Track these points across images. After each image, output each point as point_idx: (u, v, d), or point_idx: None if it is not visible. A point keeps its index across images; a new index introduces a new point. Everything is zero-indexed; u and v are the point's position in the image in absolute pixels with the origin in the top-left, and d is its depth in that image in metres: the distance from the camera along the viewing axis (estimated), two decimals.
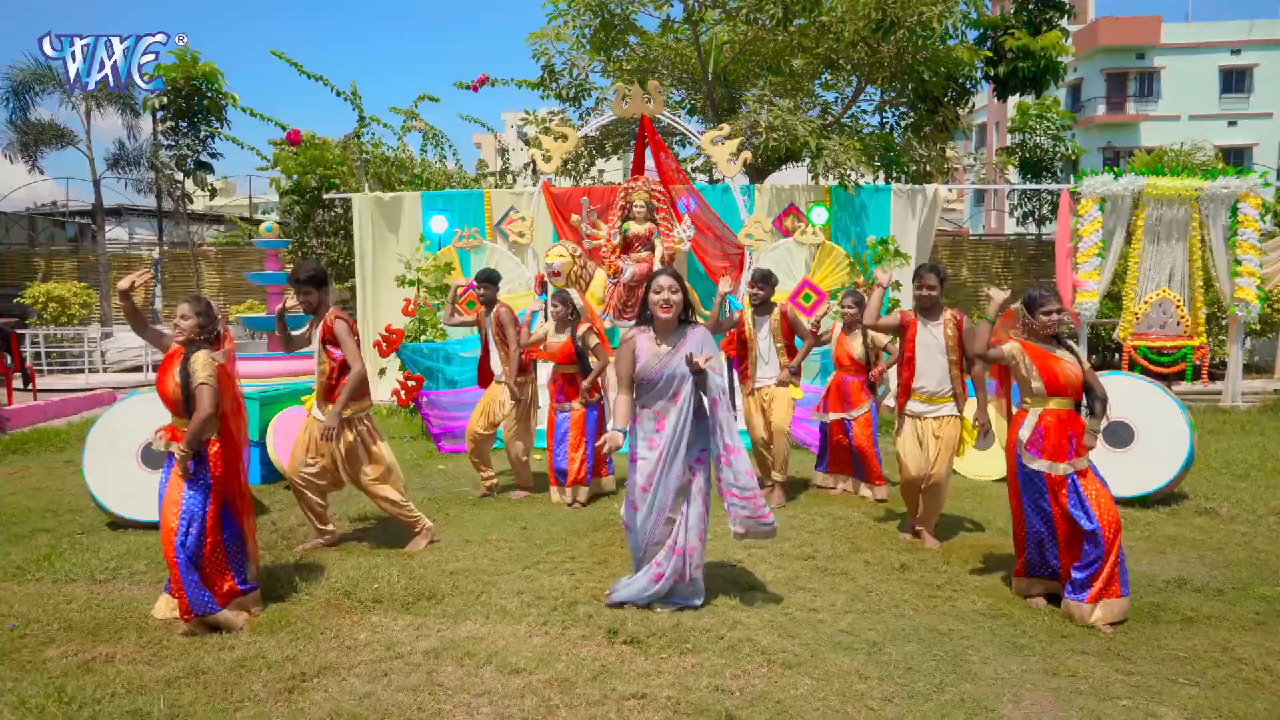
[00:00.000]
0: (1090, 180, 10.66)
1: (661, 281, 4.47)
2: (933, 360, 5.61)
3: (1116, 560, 4.39)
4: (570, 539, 5.92)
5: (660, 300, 4.45)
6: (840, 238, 10.74)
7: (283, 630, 4.35)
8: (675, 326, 4.51)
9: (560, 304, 6.99)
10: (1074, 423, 4.56)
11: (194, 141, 14.51)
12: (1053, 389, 4.57)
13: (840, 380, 7.02)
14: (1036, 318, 4.66)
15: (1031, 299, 4.71)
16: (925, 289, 5.63)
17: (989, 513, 6.54)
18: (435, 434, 8.79)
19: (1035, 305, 4.67)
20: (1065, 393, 4.57)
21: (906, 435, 5.72)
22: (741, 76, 13.27)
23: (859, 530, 6.08)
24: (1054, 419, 4.56)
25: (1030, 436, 4.64)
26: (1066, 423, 4.55)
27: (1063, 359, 4.61)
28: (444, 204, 11.19)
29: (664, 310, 4.45)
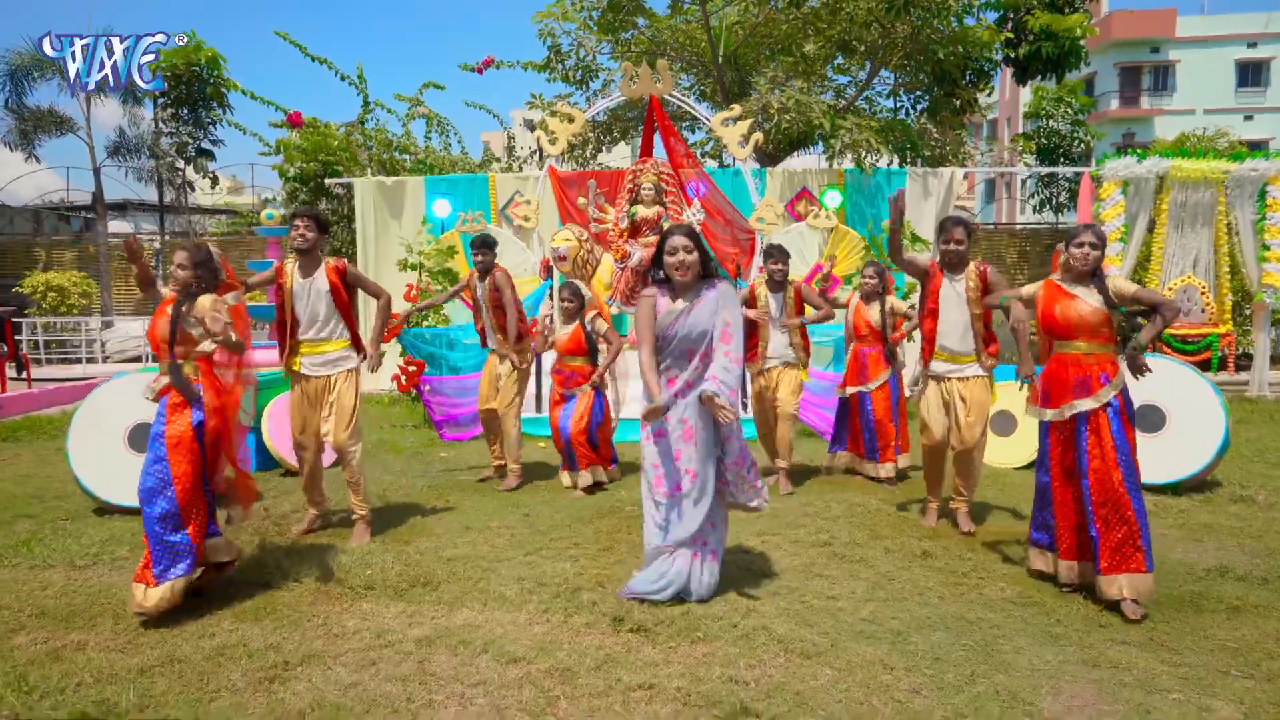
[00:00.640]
0: (1113, 163, 10.34)
1: (676, 241, 4.19)
2: (955, 314, 5.32)
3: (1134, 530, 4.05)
4: (574, 525, 5.66)
5: (675, 263, 4.18)
6: (854, 222, 10.44)
7: (267, 617, 4.09)
8: (694, 284, 4.24)
9: (570, 296, 6.72)
10: (1083, 364, 4.23)
11: (195, 129, 14.32)
12: (1049, 329, 4.32)
13: (858, 352, 6.75)
14: (1069, 250, 4.38)
15: (1070, 232, 4.45)
16: (953, 243, 5.29)
17: (1013, 499, 6.24)
18: (437, 421, 8.50)
19: (1070, 239, 4.41)
20: (1068, 334, 4.29)
21: (930, 397, 5.44)
22: (752, 60, 12.98)
23: (877, 517, 5.79)
24: (1055, 363, 4.31)
25: (1039, 388, 4.40)
26: (1070, 364, 4.25)
27: (1078, 297, 4.30)
28: (448, 188, 10.94)
29: (680, 273, 4.18)
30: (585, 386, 6.67)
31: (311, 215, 5.25)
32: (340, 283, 5.26)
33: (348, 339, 5.35)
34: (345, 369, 5.30)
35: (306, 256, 5.23)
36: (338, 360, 5.32)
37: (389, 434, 8.98)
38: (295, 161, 13.19)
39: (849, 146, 10.26)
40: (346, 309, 5.34)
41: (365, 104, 13.62)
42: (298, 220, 5.22)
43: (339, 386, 5.28)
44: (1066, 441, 4.29)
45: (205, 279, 4.34)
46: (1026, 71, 11.97)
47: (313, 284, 5.25)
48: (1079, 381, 4.22)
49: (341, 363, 5.32)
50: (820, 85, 11.83)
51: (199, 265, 4.33)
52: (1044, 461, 4.42)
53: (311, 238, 5.20)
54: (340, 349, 5.34)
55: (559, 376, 6.80)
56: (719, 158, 13.71)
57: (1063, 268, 4.43)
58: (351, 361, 5.34)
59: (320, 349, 5.33)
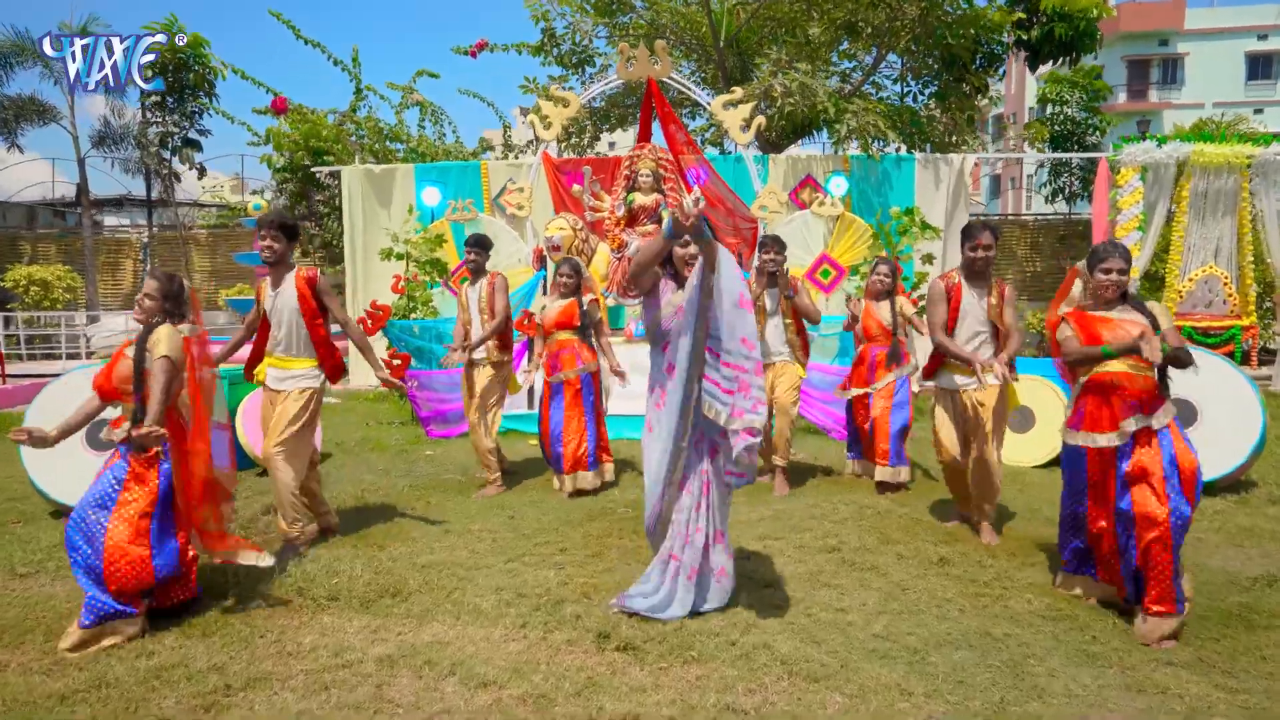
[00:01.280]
0: (1131, 148, 9.91)
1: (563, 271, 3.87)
2: (976, 326, 4.92)
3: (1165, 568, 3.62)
4: (562, 529, 5.25)
5: (689, 255, 3.87)
6: (861, 210, 10.02)
7: (217, 633, 3.70)
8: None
9: (570, 272, 6.29)
10: (1135, 383, 3.82)
11: (180, 118, 13.92)
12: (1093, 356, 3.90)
13: (867, 353, 6.31)
14: (1094, 276, 3.97)
15: (1093, 253, 4.02)
16: (980, 249, 4.87)
17: (1033, 500, 5.83)
18: (424, 418, 8.10)
19: (1094, 261, 3.99)
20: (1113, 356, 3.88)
21: (943, 411, 5.03)
22: (755, 44, 12.55)
23: (888, 520, 5.38)
24: (1099, 386, 3.88)
25: (1071, 407, 4.00)
26: (1110, 386, 3.83)
27: (1119, 320, 3.90)
28: (438, 176, 10.54)
29: (690, 268, 3.83)
30: (571, 371, 6.23)
31: (276, 225, 4.87)
32: (310, 293, 4.87)
33: (314, 359, 4.94)
34: (299, 386, 4.90)
35: (276, 268, 4.90)
36: (298, 377, 4.92)
37: (373, 431, 8.59)
38: (285, 151, 12.80)
39: (855, 132, 9.82)
40: (317, 325, 4.90)
41: (358, 90, 13.22)
42: (262, 232, 4.89)
43: (286, 400, 4.87)
44: (1107, 467, 3.86)
45: (173, 313, 4.01)
46: (1038, 55, 11.53)
47: (280, 296, 4.90)
48: (1132, 403, 3.80)
49: (299, 380, 4.92)
50: (825, 70, 11.39)
51: (168, 298, 4.00)
52: (1081, 490, 3.98)
53: (278, 249, 4.85)
54: (303, 368, 4.93)
55: (548, 360, 6.35)
56: (720, 144, 13.29)
57: (1090, 294, 4.03)
58: (311, 381, 4.92)
59: (284, 364, 4.95)
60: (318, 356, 4.94)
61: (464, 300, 6.46)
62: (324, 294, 4.91)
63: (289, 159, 12.86)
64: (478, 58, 12.66)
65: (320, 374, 4.97)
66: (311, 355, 4.93)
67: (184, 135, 14.42)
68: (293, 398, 4.87)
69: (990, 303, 4.91)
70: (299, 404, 4.86)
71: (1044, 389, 6.78)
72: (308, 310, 4.88)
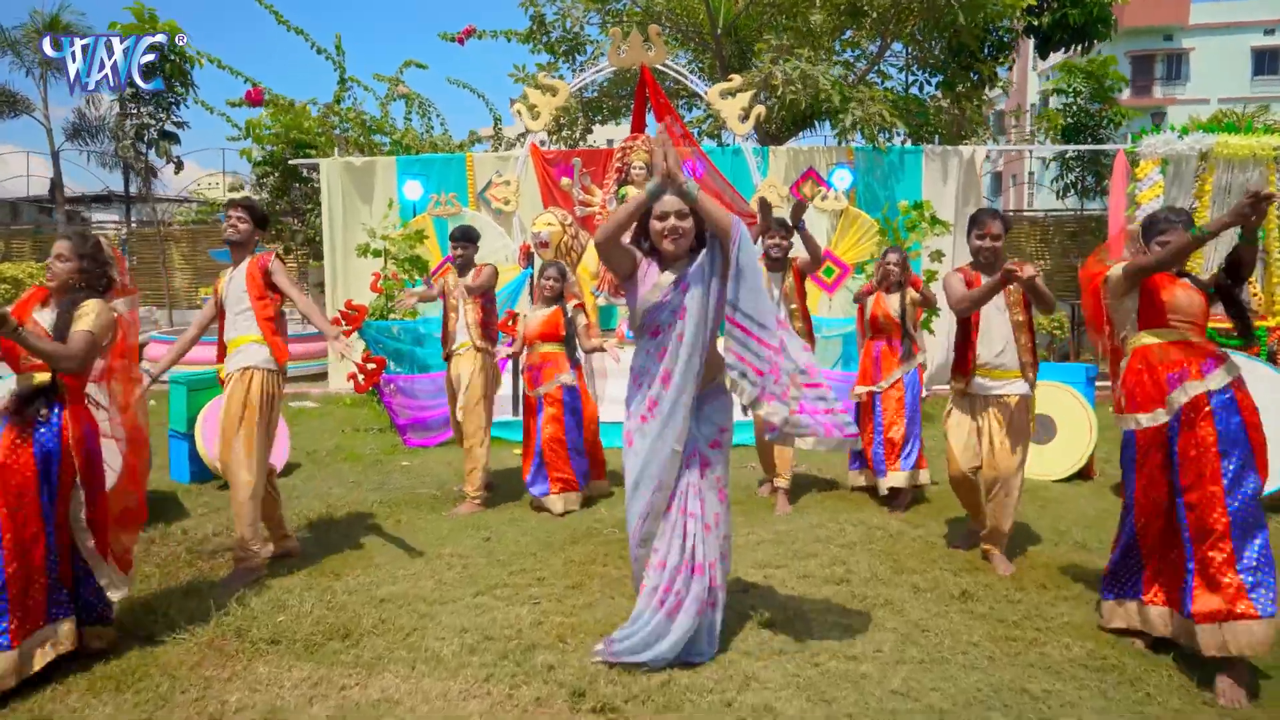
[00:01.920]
0: (1150, 139, 9.40)
1: (668, 204, 3.29)
2: (995, 322, 4.44)
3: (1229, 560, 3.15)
4: (541, 554, 4.76)
5: (667, 229, 3.29)
6: (866, 204, 9.52)
7: (131, 687, 3.20)
8: (686, 256, 3.35)
9: (555, 276, 5.80)
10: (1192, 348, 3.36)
11: (156, 109, 13.39)
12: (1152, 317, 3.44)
13: (871, 347, 5.81)
14: (1151, 246, 3.49)
15: (1152, 220, 3.55)
16: (989, 238, 4.42)
17: (1058, 519, 5.34)
18: (401, 425, 7.57)
19: (1153, 228, 3.51)
20: (1172, 323, 3.41)
21: (957, 419, 4.54)
22: (754, 31, 12.04)
23: (901, 544, 4.88)
24: (1145, 357, 3.42)
25: (1122, 391, 3.52)
26: (1169, 349, 3.37)
27: (1187, 284, 3.47)
28: (422, 169, 10.03)
29: (672, 241, 3.29)
30: (556, 380, 5.74)
31: (246, 206, 4.62)
32: (259, 275, 4.48)
33: (259, 335, 4.46)
34: (243, 365, 4.41)
35: (238, 249, 4.56)
36: (241, 354, 4.45)
37: (348, 439, 8.08)
38: (265, 144, 12.29)
39: (860, 123, 9.31)
40: (263, 305, 4.47)
41: (342, 80, 12.70)
42: (230, 210, 4.62)
43: (231, 384, 4.40)
44: (1158, 453, 3.38)
45: (91, 275, 3.55)
46: (1049, 42, 11.03)
47: (234, 279, 4.54)
48: (1180, 373, 3.33)
49: (243, 357, 4.43)
50: (827, 59, 10.87)
51: (84, 257, 3.55)
52: (1130, 487, 3.51)
53: (244, 229, 4.53)
54: (247, 342, 4.46)
55: (529, 373, 5.86)
56: (718, 136, 12.78)
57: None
58: (253, 357, 4.42)
59: (233, 345, 4.50)
60: (262, 333, 4.45)
61: (450, 289, 5.99)
62: (275, 274, 4.48)
63: (269, 152, 12.35)
64: (465, 44, 12.15)
65: (267, 354, 4.45)
66: (255, 331, 4.46)
67: (161, 127, 13.91)
68: (236, 380, 4.39)
69: (1011, 302, 4.43)
70: (243, 386, 4.37)
71: (1065, 396, 6.29)
72: (254, 290, 4.46)
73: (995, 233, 4.41)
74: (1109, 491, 6.05)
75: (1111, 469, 6.62)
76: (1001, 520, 4.44)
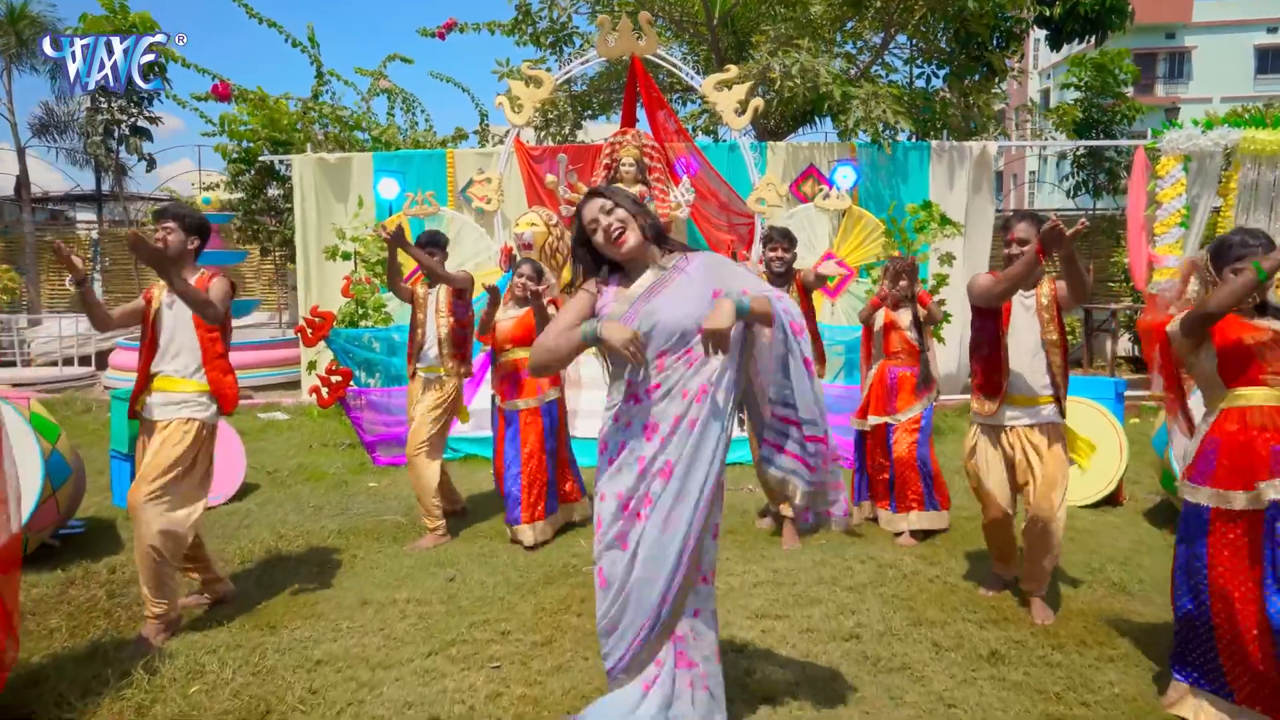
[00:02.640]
0: (1172, 134, 8.85)
1: (591, 207, 2.72)
2: (1027, 341, 3.89)
3: None
4: (509, 599, 4.20)
5: (602, 228, 2.70)
6: (870, 204, 8.97)
7: None
8: (645, 255, 2.76)
9: (530, 274, 5.18)
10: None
11: (128, 104, 12.81)
12: (1237, 373, 2.86)
13: (885, 373, 5.22)
14: (1224, 275, 2.94)
15: (1224, 244, 2.99)
16: (1015, 244, 3.91)
17: (1090, 555, 4.78)
18: (368, 442, 7.07)
19: (1226, 254, 2.95)
20: (1255, 376, 2.85)
21: (986, 455, 3.98)
22: (751, 22, 11.48)
23: (915, 586, 4.32)
24: (1240, 420, 2.84)
25: (1195, 453, 2.96)
26: (1273, 413, 2.81)
27: (1267, 328, 2.90)
28: (399, 165, 9.46)
29: (615, 239, 2.69)
30: (529, 400, 5.16)
31: (175, 215, 3.97)
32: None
33: (205, 384, 3.91)
34: (184, 415, 3.86)
35: (174, 265, 3.85)
36: (182, 403, 3.88)
37: (314, 456, 7.51)
38: (240, 139, 11.70)
39: (864, 121, 8.74)
40: (212, 336, 3.92)
41: (319, 75, 12.13)
42: (157, 222, 4.01)
43: (164, 432, 3.83)
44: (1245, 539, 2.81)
45: None
46: (1061, 33, 10.49)
47: (175, 303, 3.92)
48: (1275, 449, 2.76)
49: (184, 407, 3.87)
50: (827, 51, 10.32)
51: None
52: (1199, 571, 2.92)
53: (175, 241, 3.88)
54: (192, 392, 3.90)
55: (503, 384, 5.27)
56: (713, 132, 12.23)
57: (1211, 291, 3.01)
58: (198, 410, 3.89)
59: (170, 386, 3.91)
60: (208, 379, 3.91)
61: (420, 301, 5.43)
62: (210, 293, 3.88)
63: (245, 149, 11.77)
64: (446, 39, 11.59)
65: (211, 404, 3.93)
66: (203, 380, 3.92)
67: (132, 123, 13.32)
68: (174, 429, 3.84)
69: (1041, 303, 3.89)
70: (177, 442, 3.83)
71: (1093, 414, 5.73)
72: (201, 323, 3.90)
73: (1021, 237, 3.89)
74: (1142, 519, 5.50)
75: (1141, 491, 6.08)
76: (1045, 562, 3.89)
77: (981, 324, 4.02)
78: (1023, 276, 3.64)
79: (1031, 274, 3.66)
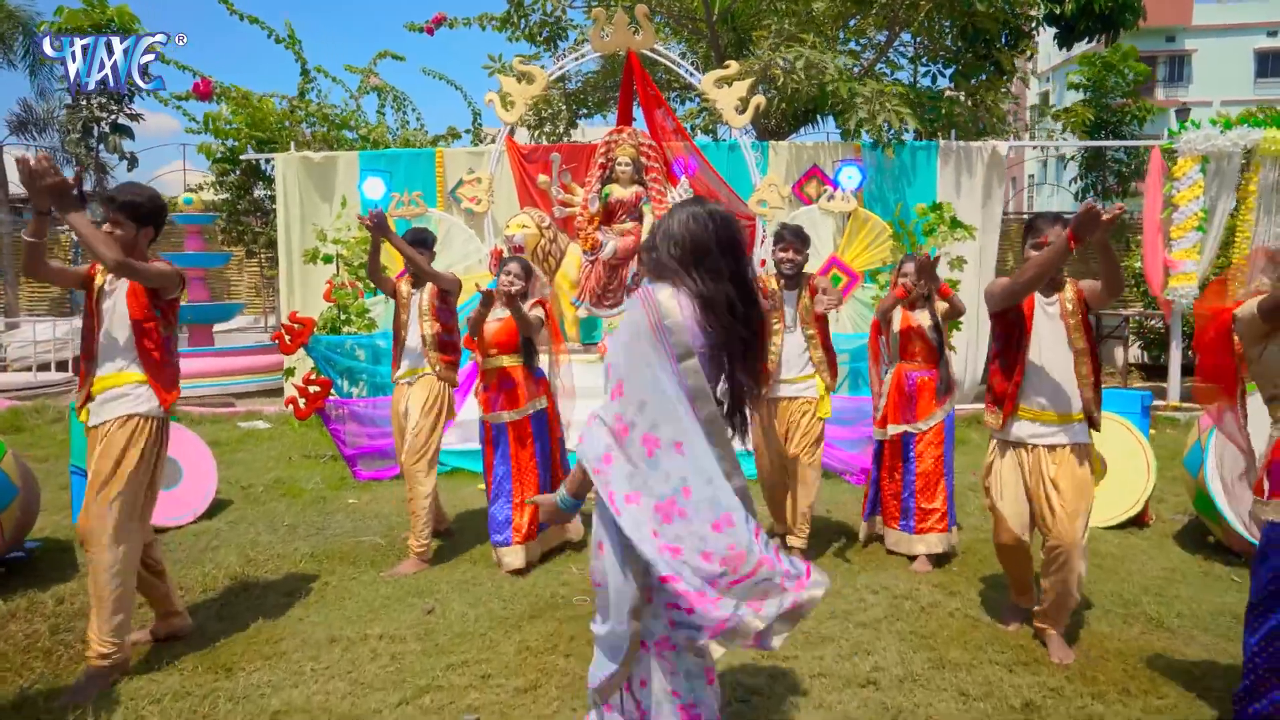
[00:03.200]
0: (1190, 134, 8.52)
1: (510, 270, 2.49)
2: (1052, 351, 3.55)
3: None
4: (490, 635, 3.84)
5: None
6: (876, 205, 8.63)
7: None
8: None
9: (518, 273, 4.82)
10: None
11: (108, 101, 12.44)
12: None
13: (902, 378, 4.84)
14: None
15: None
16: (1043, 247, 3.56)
17: (1119, 584, 4.43)
18: (349, 456, 6.71)
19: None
20: None
21: (1003, 475, 3.64)
22: (752, 19, 11.14)
23: (934, 621, 3.96)
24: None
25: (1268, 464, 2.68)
26: None
27: None
28: (387, 164, 9.10)
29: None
30: (515, 412, 4.79)
31: (122, 204, 3.50)
32: (142, 291, 3.51)
33: (142, 373, 3.53)
34: (121, 413, 3.47)
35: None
36: (118, 398, 3.50)
37: (293, 469, 7.14)
38: (225, 138, 11.33)
39: (870, 121, 8.39)
40: (148, 326, 3.53)
41: (304, 72, 11.76)
42: (107, 214, 3.51)
43: (106, 437, 3.45)
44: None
45: None
46: (1072, 31, 10.15)
47: (114, 293, 3.54)
48: None
49: (122, 402, 3.49)
50: (830, 49, 9.98)
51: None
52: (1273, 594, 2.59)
53: (124, 236, 3.47)
54: (128, 384, 3.52)
55: (485, 394, 4.90)
56: (712, 131, 11.88)
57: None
58: (136, 403, 3.49)
59: (106, 383, 3.53)
60: (145, 370, 3.52)
61: (404, 299, 5.06)
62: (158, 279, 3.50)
63: (230, 148, 11.40)
64: (434, 34, 11.21)
65: (152, 396, 3.53)
66: (137, 368, 3.52)
67: (113, 121, 12.95)
68: (113, 431, 3.45)
69: (1066, 309, 3.55)
70: (123, 437, 3.44)
71: (1118, 429, 5.38)
72: (137, 310, 3.50)
73: (1051, 241, 3.54)
74: (1171, 543, 5.14)
75: (1167, 511, 5.74)
76: (1064, 596, 3.54)
77: (1001, 333, 3.69)
78: (1052, 264, 3.32)
79: (1062, 262, 3.33)
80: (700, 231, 2.26)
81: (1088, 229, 3.07)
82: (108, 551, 3.35)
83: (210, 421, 9.14)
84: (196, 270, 11.25)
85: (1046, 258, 3.32)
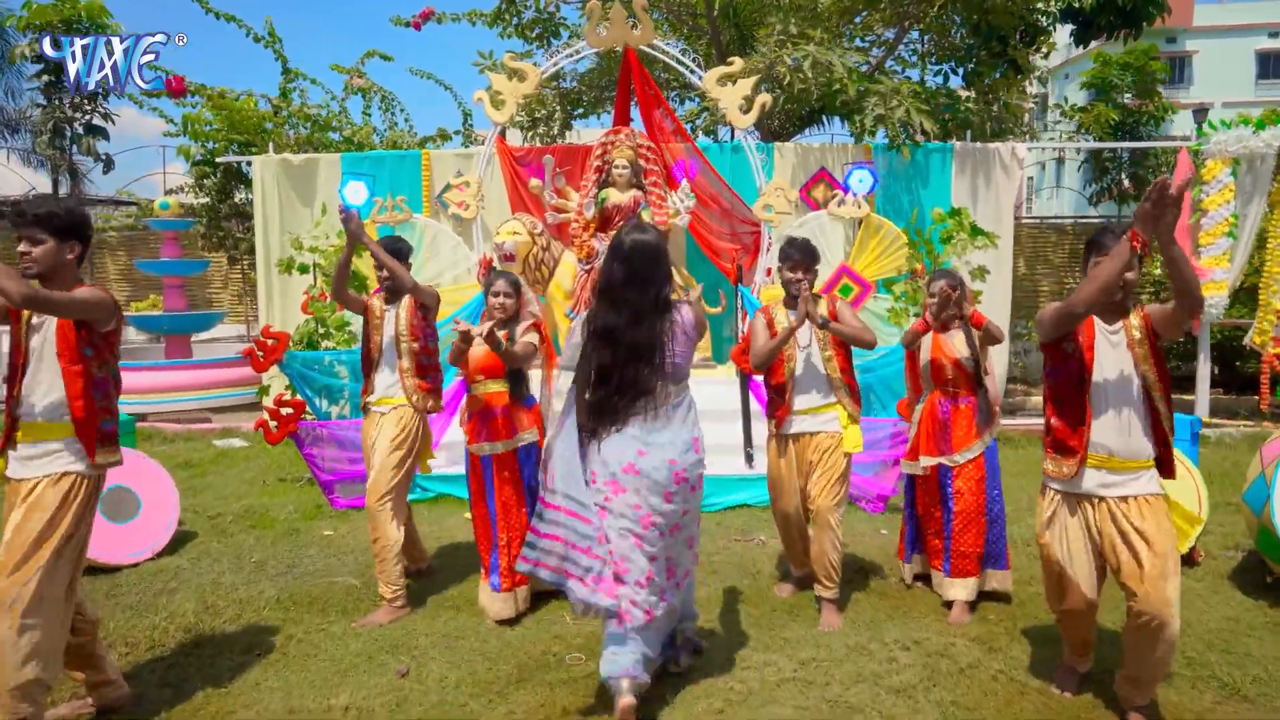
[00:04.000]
0: (1220, 135, 8.07)
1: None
2: (1116, 389, 3.08)
3: None
4: (472, 703, 3.36)
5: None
6: (889, 211, 8.17)
7: None
8: None
9: (507, 290, 4.34)
10: None
11: (81, 100, 11.92)
12: None
13: (936, 406, 4.36)
14: None
15: None
16: None
17: (1181, 638, 3.92)
18: (325, 482, 6.19)
19: None
20: None
21: (1068, 528, 3.18)
22: (755, 15, 10.69)
23: (978, 688, 3.49)
24: None
25: None
26: None
27: None
28: (370, 167, 8.61)
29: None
30: (504, 443, 4.30)
31: (33, 220, 3.01)
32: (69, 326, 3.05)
33: (70, 425, 3.05)
34: (49, 471, 3.00)
35: (47, 284, 3.04)
36: (50, 456, 3.03)
37: (266, 495, 6.64)
38: (204, 140, 10.84)
39: (882, 121, 7.93)
40: (77, 368, 3.05)
41: (285, 72, 11.27)
42: (19, 232, 3.05)
43: (32, 497, 2.98)
44: None
45: None
46: (1092, 26, 9.70)
47: (42, 326, 3.08)
48: None
49: (52, 460, 3.02)
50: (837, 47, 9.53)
51: None
52: None
53: (39, 255, 3.00)
54: (58, 439, 3.04)
55: (472, 422, 4.40)
56: (714, 132, 11.42)
57: None
58: (66, 462, 3.03)
59: (36, 434, 3.05)
60: (72, 419, 3.05)
61: (376, 318, 4.57)
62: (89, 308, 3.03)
63: (210, 150, 10.91)
64: (422, 30, 10.74)
65: (81, 451, 3.06)
66: (66, 419, 3.05)
67: (86, 121, 12.44)
68: (42, 491, 2.98)
69: (1132, 335, 3.08)
70: (45, 510, 2.97)
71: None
72: (65, 346, 3.02)
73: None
74: (1227, 585, 4.66)
75: (1215, 544, 5.26)
76: (1156, 668, 3.09)
77: (1058, 366, 3.21)
78: (1115, 277, 2.87)
79: (1127, 268, 2.86)
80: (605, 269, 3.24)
81: (1157, 212, 2.63)
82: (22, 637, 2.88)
83: (184, 439, 8.65)
84: (174, 278, 10.76)
85: (1107, 269, 2.87)
